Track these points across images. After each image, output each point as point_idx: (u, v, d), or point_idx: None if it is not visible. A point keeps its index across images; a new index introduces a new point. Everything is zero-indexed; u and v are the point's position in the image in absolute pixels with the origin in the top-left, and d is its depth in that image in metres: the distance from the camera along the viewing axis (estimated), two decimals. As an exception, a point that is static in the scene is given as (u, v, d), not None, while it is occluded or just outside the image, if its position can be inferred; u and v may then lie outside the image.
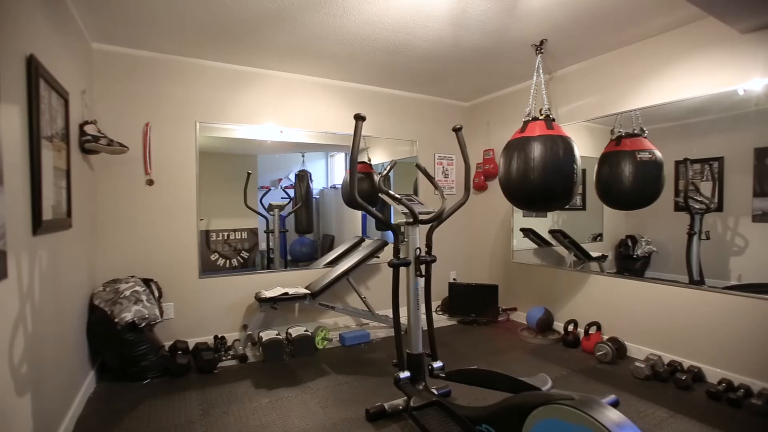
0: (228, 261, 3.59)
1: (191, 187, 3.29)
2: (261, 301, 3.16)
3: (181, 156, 3.26)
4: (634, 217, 3.44)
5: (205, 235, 3.47)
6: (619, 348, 3.01)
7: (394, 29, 2.78)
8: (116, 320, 2.57)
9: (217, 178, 3.56)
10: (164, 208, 3.20)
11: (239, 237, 3.69)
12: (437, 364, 2.29)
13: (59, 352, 2.00)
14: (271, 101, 3.61)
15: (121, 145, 2.64)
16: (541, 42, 2.99)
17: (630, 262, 3.45)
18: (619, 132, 3.13)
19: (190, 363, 2.86)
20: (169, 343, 3.03)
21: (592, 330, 3.27)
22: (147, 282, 2.98)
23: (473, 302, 4.10)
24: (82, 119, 2.52)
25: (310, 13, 2.56)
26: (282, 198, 4.06)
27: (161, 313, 2.87)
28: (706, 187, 2.96)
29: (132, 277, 2.96)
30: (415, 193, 4.36)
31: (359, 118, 2.03)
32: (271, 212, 3.97)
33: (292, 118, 3.71)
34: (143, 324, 2.64)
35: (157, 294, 3.00)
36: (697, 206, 3.01)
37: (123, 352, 2.62)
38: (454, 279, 4.62)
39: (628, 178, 2.97)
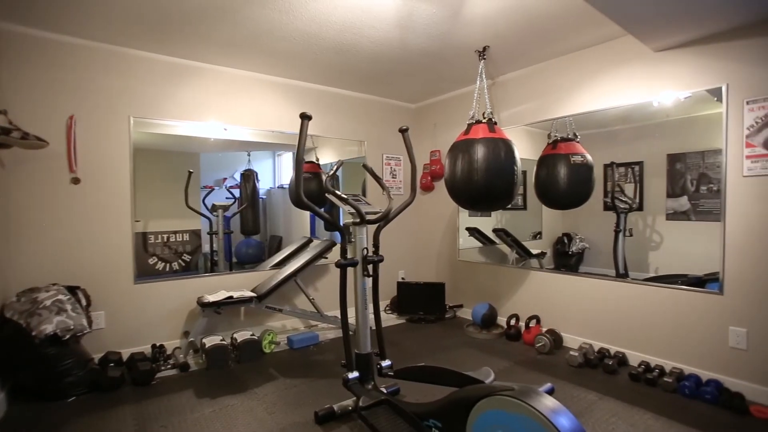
0: (168, 265, 3.39)
1: (125, 186, 3.07)
2: (204, 305, 3.01)
3: (113, 153, 3.02)
4: (569, 216, 3.69)
5: (142, 238, 3.25)
6: (556, 339, 3.21)
7: (341, 28, 2.77)
8: (34, 333, 2.32)
9: (156, 177, 3.35)
10: (93, 209, 2.95)
11: (180, 239, 3.49)
12: (386, 362, 2.31)
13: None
14: (214, 97, 3.46)
15: (39, 139, 2.40)
16: (484, 48, 3.12)
17: (566, 258, 3.70)
18: (555, 136, 3.34)
19: (124, 375, 2.65)
20: (100, 356, 2.80)
21: (532, 323, 3.46)
22: (72, 290, 2.73)
23: (421, 300, 4.18)
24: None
25: (255, 8, 2.48)
26: (227, 198, 3.89)
27: (89, 323, 2.65)
28: (629, 189, 3.24)
29: (54, 285, 2.69)
30: (364, 193, 4.37)
31: (305, 117, 2.00)
32: (214, 213, 3.79)
33: (237, 115, 3.57)
34: (67, 336, 2.42)
35: (84, 302, 2.76)
36: (622, 206, 3.28)
37: (42, 368, 2.37)
38: (403, 278, 4.68)
39: (563, 180, 3.17)
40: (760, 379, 2.36)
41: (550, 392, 1.70)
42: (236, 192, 3.94)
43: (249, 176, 4.04)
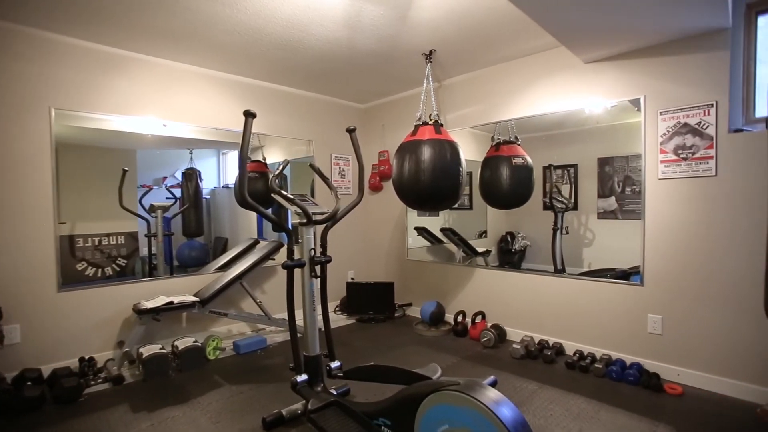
0: (100, 270, 3.13)
1: (46, 184, 2.79)
2: (141, 312, 2.82)
3: (30, 148, 2.74)
4: (512, 215, 3.87)
5: (69, 241, 2.98)
6: (500, 333, 3.36)
7: (287, 25, 2.71)
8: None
9: (86, 175, 3.08)
10: (7, 209, 2.66)
11: (114, 242, 3.24)
12: (335, 364, 2.30)
13: None
14: (152, 91, 3.24)
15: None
16: (431, 52, 3.20)
17: (509, 255, 3.88)
18: (498, 139, 3.50)
19: (45, 394, 2.41)
20: (15, 374, 2.53)
21: (478, 319, 3.59)
22: (-18, 301, 2.45)
23: (371, 300, 4.20)
24: None
25: (194, -2, 2.36)
26: (167, 198, 3.67)
27: (1, 338, 2.38)
28: (565, 190, 3.47)
29: (-40, 295, 2.40)
30: (312, 193, 4.32)
31: (249, 115, 1.94)
32: (153, 214, 3.56)
33: (178, 111, 3.38)
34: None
35: (-5, 315, 2.48)
36: (559, 206, 3.51)
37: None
38: (352, 278, 4.68)
39: (505, 181, 3.33)
40: (672, 360, 2.63)
41: (494, 384, 1.78)
42: (177, 192, 3.73)
43: (191, 175, 3.84)
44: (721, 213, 2.46)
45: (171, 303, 2.92)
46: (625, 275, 2.92)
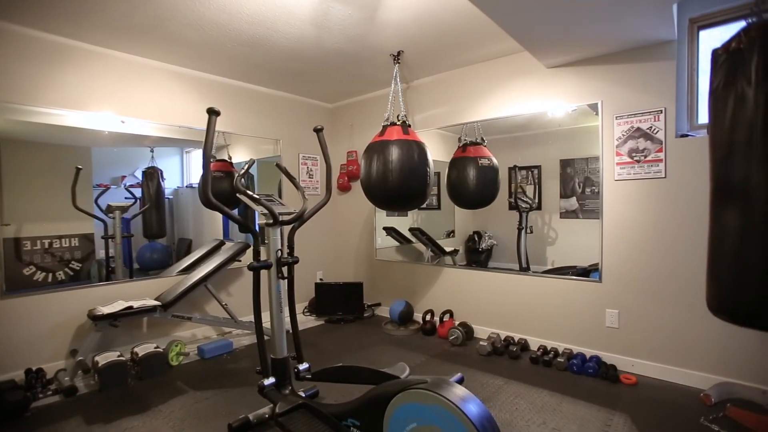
0: (51, 274, 2.95)
1: (-11, 184, 2.61)
2: (96, 319, 2.68)
3: (-27, 145, 2.55)
4: (479, 215, 3.96)
5: (14, 244, 2.79)
6: (467, 331, 3.43)
7: (254, 22, 2.66)
8: None
9: (34, 174, 2.89)
10: (-55, 211, 2.46)
11: (68, 245, 3.06)
12: (303, 366, 2.27)
13: None
14: (110, 85, 3.09)
15: None
16: (399, 53, 3.22)
17: (476, 254, 3.97)
18: (465, 140, 3.57)
19: (-13, 409, 2.25)
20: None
21: (446, 317, 3.65)
22: None
23: (340, 301, 4.18)
24: None
25: (154, -10, 2.27)
26: (126, 198, 3.50)
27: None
28: (530, 190, 3.59)
29: None
30: (279, 193, 4.25)
31: (213, 113, 1.89)
32: (110, 215, 3.39)
33: (137, 107, 3.24)
34: None
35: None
36: (523, 206, 3.62)
37: None
38: (321, 279, 4.64)
39: (472, 181, 3.40)
40: (628, 352, 2.77)
41: (460, 381, 1.81)
42: (138, 191, 3.57)
43: (152, 174, 3.68)
44: (670, 213, 2.61)
45: (130, 308, 2.80)
46: (585, 272, 3.05)
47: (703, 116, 2.59)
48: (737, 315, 1.50)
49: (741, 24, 1.44)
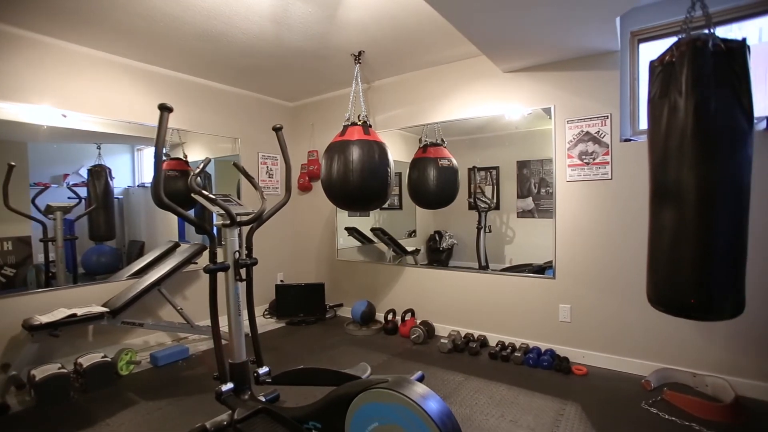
0: (-21, 281, 2.71)
1: None
2: (33, 329, 2.47)
3: None
4: (440, 215, 4.04)
5: (-63, 249, 2.54)
6: (429, 329, 3.48)
7: (209, 15, 2.57)
8: None
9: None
10: None
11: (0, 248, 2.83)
12: (263, 369, 2.22)
13: None
14: (49, 76, 2.87)
15: None
16: (360, 52, 3.22)
17: (437, 253, 4.04)
18: (426, 141, 3.62)
19: None
20: None
21: (408, 316, 3.69)
22: None
23: (301, 302, 4.12)
24: None
25: (99, -22, 2.14)
26: (69, 198, 3.27)
27: None
28: (488, 191, 3.70)
29: None
30: (238, 193, 4.13)
31: (164, 109, 1.81)
32: (50, 216, 3.16)
33: (82, 100, 3.03)
34: None
35: None
36: (482, 205, 3.72)
37: None
38: (282, 281, 4.56)
39: (433, 182, 3.45)
40: (579, 344, 2.92)
41: (421, 379, 1.83)
42: (82, 191, 3.34)
43: (99, 173, 3.46)
44: (616, 212, 2.78)
45: (74, 315, 2.61)
46: (540, 269, 3.18)
47: (644, 122, 2.78)
48: (671, 306, 1.62)
49: (674, 39, 1.56)
